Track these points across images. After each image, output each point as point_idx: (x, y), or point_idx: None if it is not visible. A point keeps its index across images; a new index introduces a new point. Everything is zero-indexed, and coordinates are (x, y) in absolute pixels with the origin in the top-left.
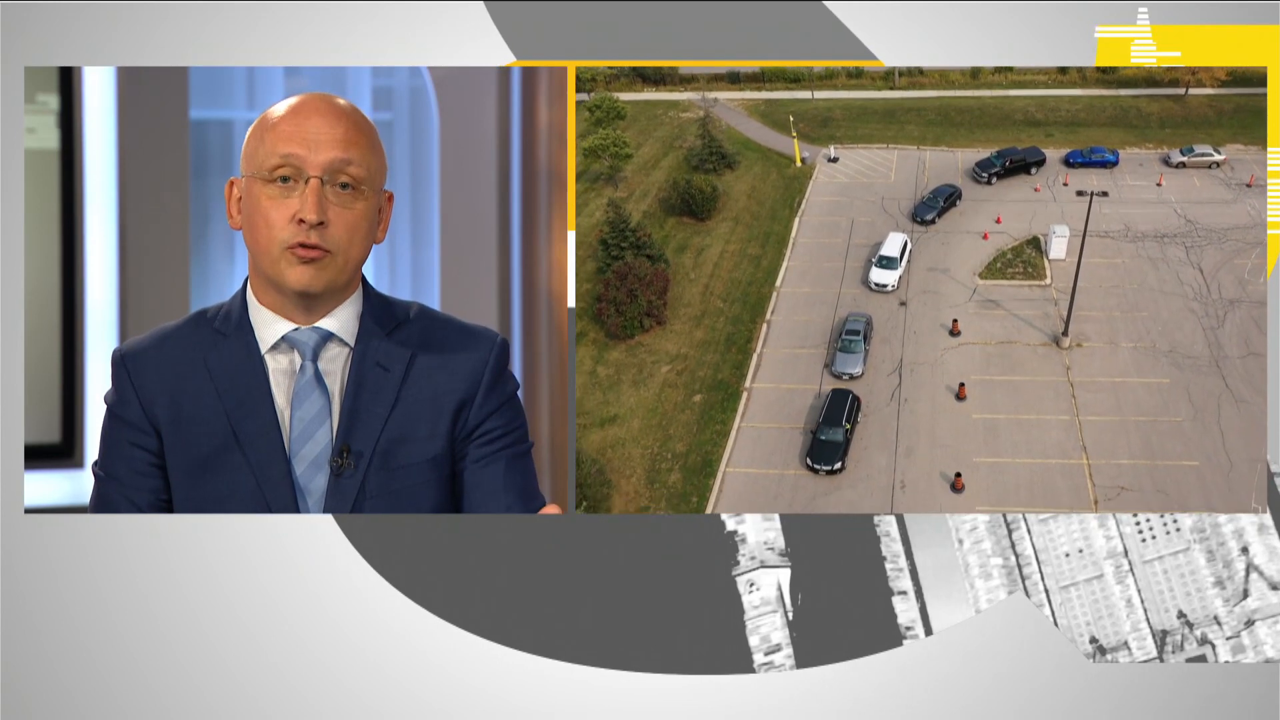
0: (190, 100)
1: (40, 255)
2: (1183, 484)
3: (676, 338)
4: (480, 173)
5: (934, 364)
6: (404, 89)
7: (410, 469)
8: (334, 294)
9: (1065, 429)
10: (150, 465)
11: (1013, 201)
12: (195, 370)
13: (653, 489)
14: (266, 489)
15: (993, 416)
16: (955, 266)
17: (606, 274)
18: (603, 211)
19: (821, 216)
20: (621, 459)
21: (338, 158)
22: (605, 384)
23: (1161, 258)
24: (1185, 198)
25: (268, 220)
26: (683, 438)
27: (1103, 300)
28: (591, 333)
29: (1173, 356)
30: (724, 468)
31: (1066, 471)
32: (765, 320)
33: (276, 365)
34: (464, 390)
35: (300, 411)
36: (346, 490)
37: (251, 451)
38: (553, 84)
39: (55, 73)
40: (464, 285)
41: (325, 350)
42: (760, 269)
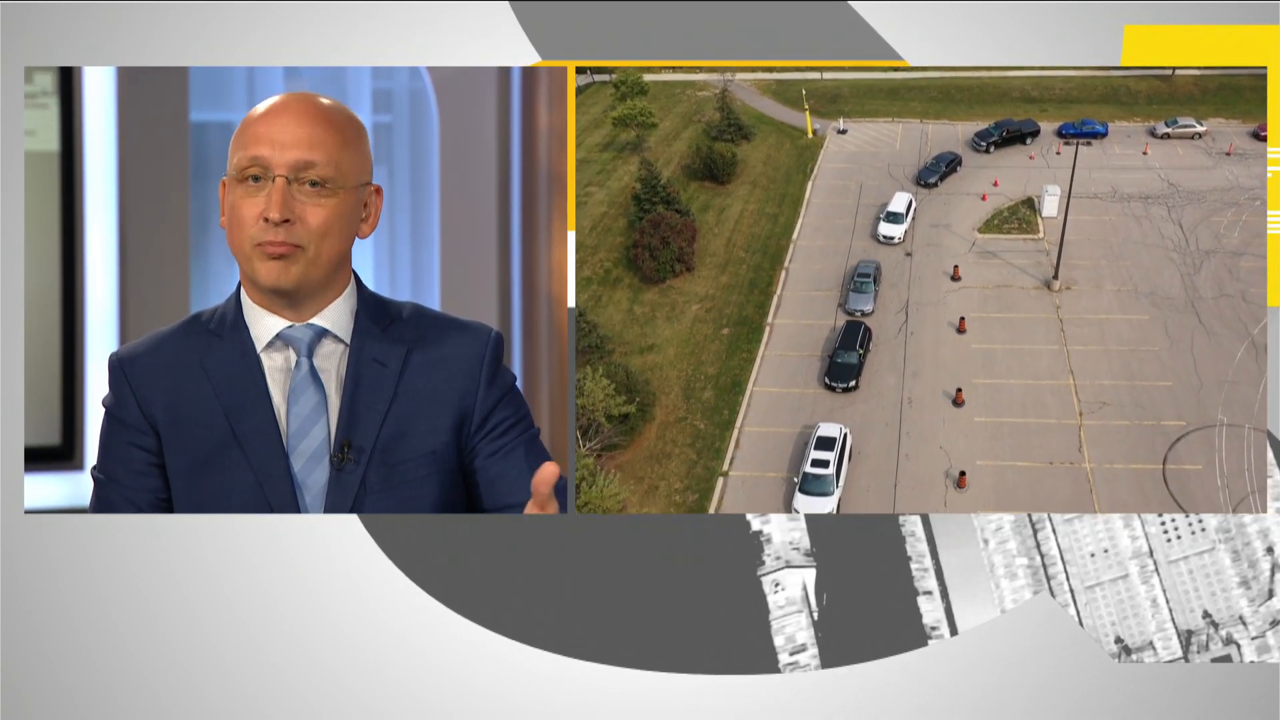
0: (190, 102)
1: (40, 257)
2: (1158, 400)
3: (704, 281)
4: (480, 174)
5: (937, 303)
6: (403, 91)
7: (410, 464)
8: (313, 289)
9: (1054, 356)
10: (149, 465)
11: (1009, 168)
12: (192, 372)
13: (689, 403)
14: (266, 485)
15: (989, 347)
16: (956, 223)
17: (641, 223)
18: (631, 175)
19: (832, 181)
20: (660, 379)
21: (300, 159)
22: (642, 320)
23: (1145, 215)
24: (1169, 164)
25: (240, 219)
26: (713, 363)
27: (1090, 251)
28: (626, 278)
29: (1152, 297)
30: (751, 387)
31: (1055, 391)
32: (784, 268)
33: (272, 363)
34: (462, 384)
35: (296, 408)
36: (348, 485)
37: (250, 449)
38: (553, 85)
39: (55, 73)
40: (464, 286)
41: (320, 347)
42: (778, 225)
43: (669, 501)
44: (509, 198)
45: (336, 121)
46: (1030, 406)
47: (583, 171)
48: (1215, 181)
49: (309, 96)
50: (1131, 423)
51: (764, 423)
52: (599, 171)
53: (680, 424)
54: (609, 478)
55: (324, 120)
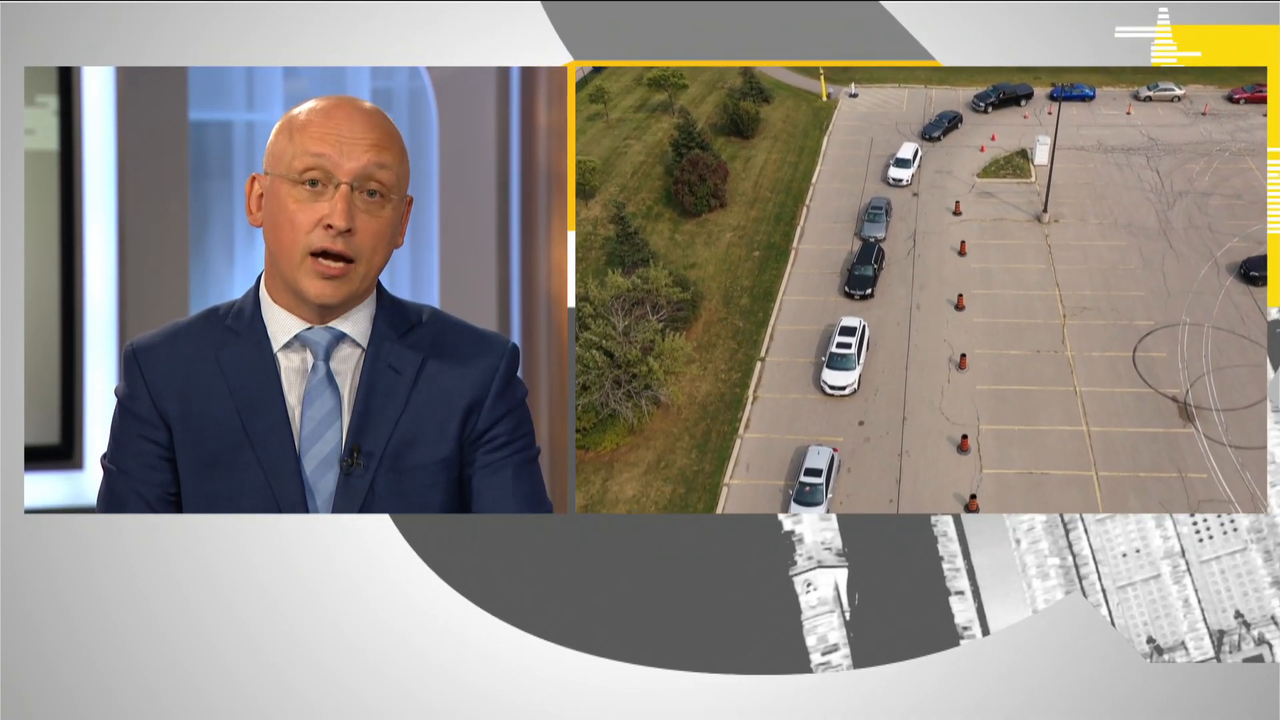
0: (190, 101)
1: (39, 256)
2: (1131, 305)
3: (736, 215)
4: (479, 174)
5: (941, 233)
6: (403, 90)
7: (419, 471)
8: (353, 303)
9: (1042, 273)
10: (160, 459)
11: (1005, 125)
12: (207, 367)
13: (728, 308)
14: (276, 486)
15: (986, 265)
16: (957, 170)
17: (681, 163)
18: (665, 130)
19: (846, 136)
20: (701, 288)
21: (371, 161)
22: (683, 245)
23: (1126, 164)
24: (1149, 122)
25: (293, 223)
26: (748, 278)
27: (1076, 193)
28: (667, 214)
29: (1130, 229)
30: (781, 296)
31: (1043, 299)
32: (805, 205)
33: (289, 364)
34: (473, 394)
35: (311, 411)
36: (356, 489)
37: (262, 449)
38: (552, 85)
39: (55, 73)
40: (463, 286)
41: (338, 351)
42: (799, 171)
43: (716, 379)
44: (508, 197)
45: (393, 130)
46: (1021, 310)
47: (620, 129)
48: (1191, 136)
49: (361, 101)
50: (1108, 322)
51: (794, 322)
52: (635, 128)
53: (722, 323)
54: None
55: (385, 127)
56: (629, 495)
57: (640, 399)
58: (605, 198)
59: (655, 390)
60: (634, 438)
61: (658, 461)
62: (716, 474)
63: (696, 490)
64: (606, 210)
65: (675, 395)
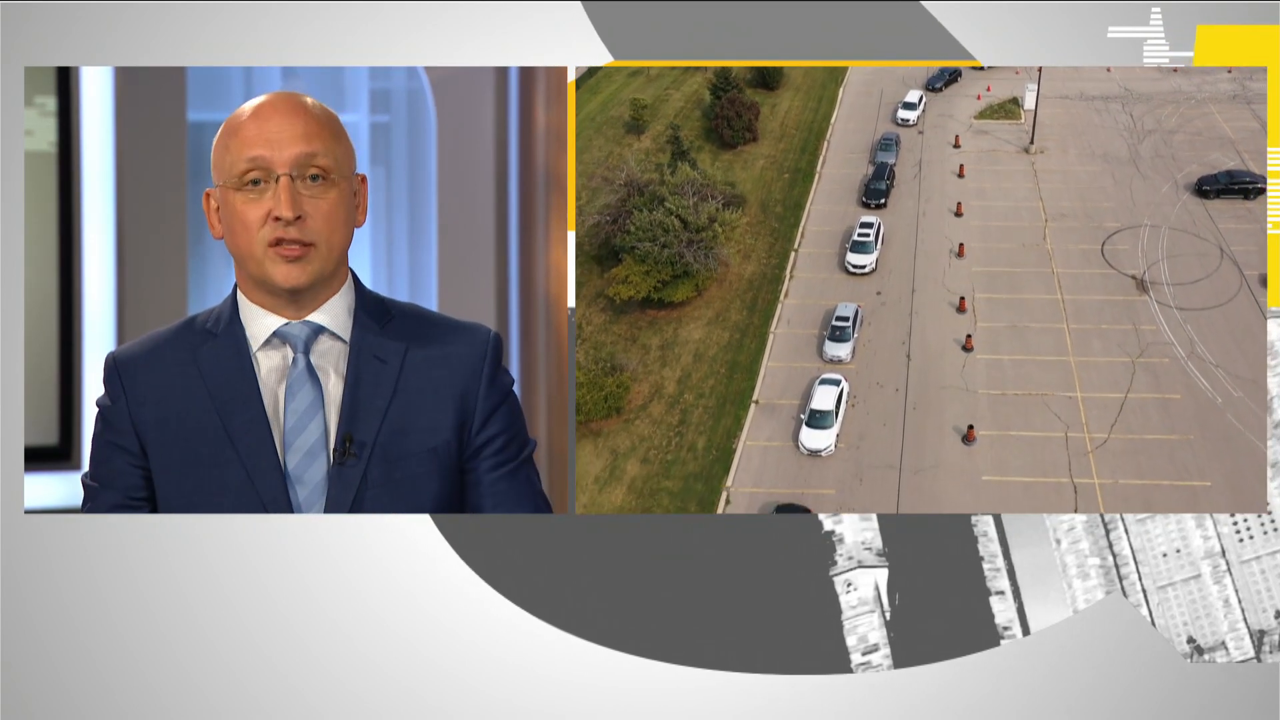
0: (188, 102)
1: (38, 258)
2: (1102, 213)
3: (767, 147)
4: (478, 174)
5: (942, 161)
6: (401, 91)
7: (411, 459)
8: (322, 284)
9: (1029, 191)
10: (130, 466)
11: (999, 79)
12: (186, 371)
13: (765, 213)
14: (257, 480)
15: (981, 185)
16: (957, 114)
17: (720, 101)
18: (699, 83)
19: (858, 87)
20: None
21: (302, 152)
22: (722, 168)
23: (1104, 110)
24: (1126, 77)
25: (245, 223)
26: (780, 192)
27: (1059, 132)
28: (707, 147)
29: (1104, 158)
30: (809, 206)
31: (1029, 209)
32: (826, 140)
33: (269, 362)
34: (464, 383)
35: (294, 404)
36: (349, 480)
37: (242, 444)
38: (550, 85)
39: (53, 74)
40: (461, 286)
41: (317, 344)
42: (818, 115)
43: (759, 263)
44: (506, 198)
45: (323, 115)
46: (1010, 216)
47: (658, 83)
48: (1162, 88)
49: (289, 95)
50: (1082, 224)
51: (821, 224)
52: (673, 81)
53: (761, 225)
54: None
55: (313, 114)
56: (696, 338)
57: (709, 256)
58: (655, 132)
59: (718, 250)
60: (698, 298)
61: (716, 317)
62: (764, 326)
63: (749, 336)
64: (656, 142)
65: (733, 256)
